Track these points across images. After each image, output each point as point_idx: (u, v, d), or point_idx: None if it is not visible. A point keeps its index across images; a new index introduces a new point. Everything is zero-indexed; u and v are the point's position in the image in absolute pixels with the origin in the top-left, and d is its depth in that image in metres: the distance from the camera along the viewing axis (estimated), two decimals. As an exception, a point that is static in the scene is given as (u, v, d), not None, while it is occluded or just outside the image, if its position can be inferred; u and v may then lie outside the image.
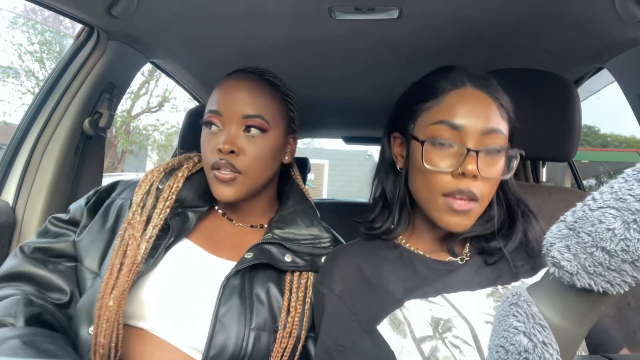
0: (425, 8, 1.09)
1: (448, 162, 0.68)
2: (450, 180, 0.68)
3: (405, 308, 0.68)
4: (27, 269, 0.79)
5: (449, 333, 0.64)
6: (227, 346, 0.71)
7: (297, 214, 0.88)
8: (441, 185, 0.69)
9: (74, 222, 0.86)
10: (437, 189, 0.69)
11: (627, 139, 15.46)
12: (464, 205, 0.68)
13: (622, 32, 1.12)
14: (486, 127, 0.68)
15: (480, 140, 0.68)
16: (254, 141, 0.82)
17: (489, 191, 0.70)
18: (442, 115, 0.70)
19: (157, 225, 0.78)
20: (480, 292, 0.69)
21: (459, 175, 0.67)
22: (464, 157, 0.67)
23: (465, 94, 0.71)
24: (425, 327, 0.66)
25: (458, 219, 0.69)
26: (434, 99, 0.72)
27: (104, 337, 0.69)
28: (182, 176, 0.85)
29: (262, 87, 0.85)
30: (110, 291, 0.71)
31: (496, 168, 0.70)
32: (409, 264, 0.75)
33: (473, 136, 0.68)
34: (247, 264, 0.78)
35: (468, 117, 0.69)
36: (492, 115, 0.70)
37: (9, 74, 11.48)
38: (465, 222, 0.70)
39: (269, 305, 0.77)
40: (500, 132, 0.70)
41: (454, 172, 0.68)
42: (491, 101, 0.71)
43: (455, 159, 0.68)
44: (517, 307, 0.39)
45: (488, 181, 0.69)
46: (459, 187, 0.67)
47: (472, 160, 0.66)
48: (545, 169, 1.35)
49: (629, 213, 0.32)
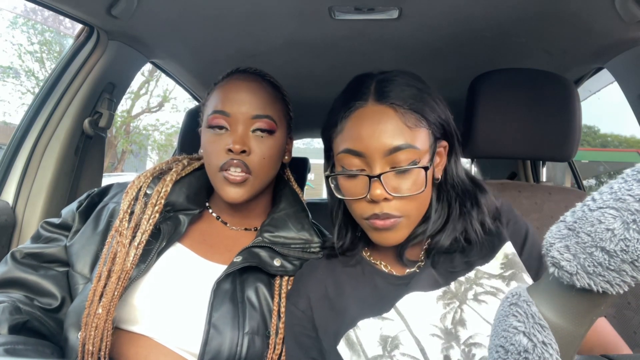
0: (425, 8, 1.09)
1: (359, 189, 0.68)
2: (366, 205, 0.68)
3: (357, 328, 0.69)
4: (17, 275, 0.78)
5: (396, 351, 0.65)
6: (221, 351, 0.71)
7: (289, 217, 0.88)
8: (360, 211, 0.69)
9: (65, 227, 0.86)
10: (358, 215, 0.70)
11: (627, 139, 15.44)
12: (385, 222, 0.67)
13: (622, 32, 1.12)
14: (390, 147, 0.65)
15: (387, 161, 0.66)
16: (263, 141, 0.82)
17: (412, 206, 0.68)
18: (345, 143, 0.69)
19: (146, 231, 0.77)
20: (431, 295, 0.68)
21: (371, 201, 0.67)
22: (368, 184, 0.66)
23: (365, 114, 0.68)
24: (375, 346, 0.66)
25: (386, 234, 0.69)
26: (340, 123, 0.71)
27: (92, 345, 0.68)
28: (171, 180, 0.84)
29: (266, 87, 0.85)
30: (98, 299, 0.71)
31: (415, 183, 0.67)
32: (369, 281, 0.75)
33: (378, 159, 0.66)
34: (236, 267, 0.77)
35: (369, 140, 0.66)
36: (396, 130, 0.66)
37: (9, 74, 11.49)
38: (395, 235, 0.69)
39: (260, 308, 0.77)
40: (409, 146, 0.66)
41: (366, 199, 0.67)
42: (394, 113, 0.67)
43: (365, 185, 0.67)
44: (517, 307, 0.39)
45: (405, 198, 0.67)
46: (373, 212, 0.67)
47: (378, 185, 0.65)
48: (545, 169, 1.35)
49: (628, 213, 0.33)
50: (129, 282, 0.73)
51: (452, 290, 0.68)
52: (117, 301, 0.71)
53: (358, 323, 0.69)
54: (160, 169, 0.87)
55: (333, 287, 0.75)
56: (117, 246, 0.75)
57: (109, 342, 0.70)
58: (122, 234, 0.76)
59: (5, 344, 0.63)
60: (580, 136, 1.08)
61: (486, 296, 0.67)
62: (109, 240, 0.77)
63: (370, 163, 0.66)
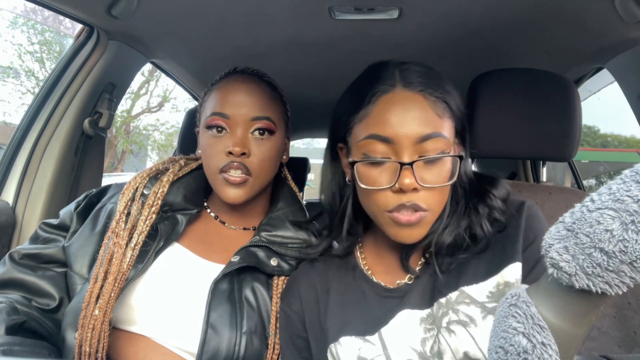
0: (425, 8, 1.09)
1: (385, 178, 0.63)
2: (392, 196, 0.62)
3: (339, 344, 0.68)
4: (15, 276, 0.78)
5: None
6: (219, 351, 0.71)
7: (287, 217, 0.88)
8: (383, 202, 0.63)
9: (63, 227, 0.86)
10: (380, 207, 0.64)
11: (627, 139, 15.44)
12: (410, 217, 0.62)
13: (622, 32, 1.12)
14: (421, 135, 0.61)
15: (416, 149, 0.62)
16: (263, 143, 0.82)
17: (437, 199, 0.64)
18: (372, 128, 0.63)
19: (142, 232, 0.77)
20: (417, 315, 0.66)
21: (398, 191, 0.62)
22: (398, 171, 0.61)
23: (394, 99, 0.63)
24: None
25: (407, 231, 0.64)
26: (364, 108, 0.65)
27: (89, 347, 0.68)
28: (168, 181, 0.83)
29: (265, 88, 0.85)
30: (95, 300, 0.71)
31: (440, 174, 0.63)
32: (357, 290, 0.72)
33: (407, 146, 0.61)
34: (233, 267, 0.77)
35: (399, 126, 0.61)
36: (427, 118, 0.62)
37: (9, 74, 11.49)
38: (417, 232, 0.64)
39: (258, 308, 0.77)
40: (439, 135, 0.62)
41: (393, 188, 0.62)
42: (424, 100, 0.63)
43: (392, 173, 0.62)
44: (516, 308, 0.39)
45: (433, 190, 0.63)
46: (400, 202, 0.62)
47: (409, 173, 0.60)
48: (545, 169, 1.35)
49: (626, 214, 0.33)
50: (126, 283, 0.73)
51: (433, 313, 0.65)
52: (113, 302, 0.71)
53: (340, 339, 0.69)
54: (157, 169, 0.87)
55: (323, 294, 0.74)
56: (114, 247, 0.75)
57: (105, 344, 0.70)
58: (118, 235, 0.76)
59: (2, 345, 0.63)
60: (580, 136, 1.07)
61: (456, 326, 0.63)
62: (106, 241, 0.77)
63: (399, 151, 0.62)
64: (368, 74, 0.70)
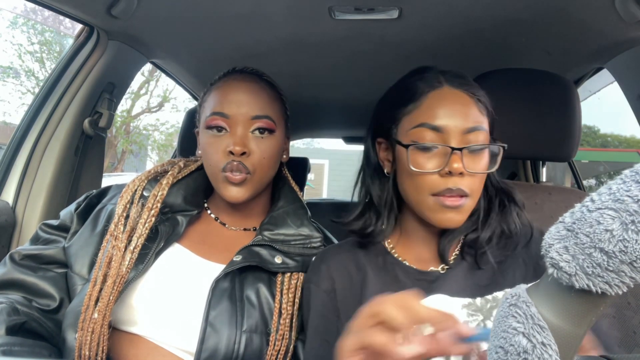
0: (426, 8, 1.09)
1: (434, 163, 0.69)
2: (438, 179, 0.69)
3: None
4: (15, 277, 0.78)
5: None
6: (218, 349, 0.71)
7: (288, 215, 0.88)
8: (430, 185, 0.70)
9: (64, 228, 0.86)
10: (426, 190, 0.70)
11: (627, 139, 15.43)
12: (455, 201, 0.69)
13: (622, 32, 1.12)
14: (467, 126, 0.70)
15: (462, 139, 0.70)
16: (263, 142, 0.82)
17: (477, 186, 0.71)
18: (423, 118, 0.71)
19: (142, 235, 0.77)
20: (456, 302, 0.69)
21: (446, 175, 0.69)
22: (448, 156, 0.68)
23: (443, 94, 0.72)
24: None
25: (451, 214, 0.70)
26: (413, 102, 0.73)
27: (88, 350, 0.68)
28: (167, 183, 0.84)
29: (264, 87, 0.85)
30: (94, 303, 0.71)
31: (481, 164, 0.71)
32: (390, 272, 0.75)
33: (455, 136, 0.69)
34: (235, 266, 0.77)
35: (448, 118, 0.70)
36: (472, 113, 0.71)
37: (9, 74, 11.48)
38: (458, 217, 0.71)
39: (259, 307, 0.77)
40: (482, 128, 0.71)
41: (441, 172, 0.69)
42: (469, 99, 0.72)
43: (440, 159, 0.69)
44: (516, 308, 0.39)
45: (475, 177, 0.70)
46: (447, 186, 0.68)
47: (457, 158, 0.68)
48: (545, 169, 1.35)
49: (627, 214, 0.33)
50: (126, 284, 0.73)
51: (477, 304, 0.68)
52: (112, 305, 0.71)
53: None
54: (156, 171, 0.87)
55: (355, 272, 0.76)
56: (113, 250, 0.75)
57: (105, 347, 0.70)
58: (117, 237, 0.76)
59: (3, 345, 0.63)
60: (580, 136, 1.07)
61: None
62: (104, 244, 0.77)
63: (447, 139, 0.69)
64: (413, 74, 0.78)
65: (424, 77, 0.75)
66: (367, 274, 0.75)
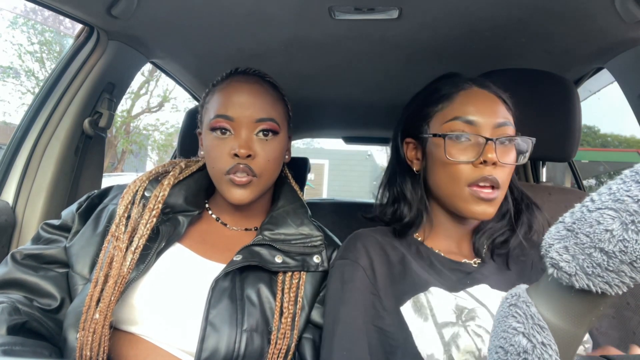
0: (426, 8, 1.09)
1: (468, 154, 0.74)
2: (473, 169, 0.73)
3: (429, 293, 0.71)
4: (17, 276, 0.78)
5: (472, 322, 0.66)
6: (218, 349, 0.71)
7: (288, 214, 0.88)
8: (465, 175, 0.74)
9: (65, 228, 0.85)
10: (462, 180, 0.74)
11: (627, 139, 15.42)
12: (490, 194, 0.73)
13: (622, 32, 1.12)
14: (497, 121, 0.75)
15: (493, 132, 0.74)
16: (267, 144, 0.82)
17: (506, 178, 0.75)
18: (456, 113, 0.76)
19: (143, 235, 0.77)
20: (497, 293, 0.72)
21: (480, 164, 0.73)
22: (482, 146, 0.73)
23: (472, 93, 0.78)
24: (449, 313, 0.68)
25: (484, 206, 0.73)
26: (444, 101, 0.79)
27: (89, 351, 0.68)
28: (169, 184, 0.83)
29: (267, 89, 0.85)
30: (95, 304, 0.71)
31: (511, 156, 0.76)
32: (426, 259, 0.78)
33: (487, 129, 0.74)
34: (235, 266, 0.77)
35: (480, 113, 0.75)
36: (500, 110, 0.77)
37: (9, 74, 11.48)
38: (490, 209, 0.74)
39: (260, 306, 0.77)
40: (510, 124, 0.76)
41: (475, 162, 0.73)
42: (496, 98, 0.78)
43: (474, 150, 0.74)
44: (517, 308, 0.39)
45: (506, 168, 0.75)
46: (482, 174, 0.72)
47: (491, 148, 0.72)
48: (545, 169, 1.35)
49: (627, 214, 0.33)
50: (127, 284, 0.73)
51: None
52: (114, 306, 0.71)
53: (430, 288, 0.71)
54: (157, 172, 0.87)
55: (393, 253, 0.78)
56: (114, 251, 0.75)
57: (106, 347, 0.70)
58: (118, 238, 0.76)
59: (3, 345, 0.63)
60: (580, 136, 1.08)
61: None
62: (106, 245, 0.77)
63: (480, 131, 0.74)
64: (442, 78, 0.85)
65: (452, 80, 0.82)
66: (405, 256, 0.78)
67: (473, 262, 0.78)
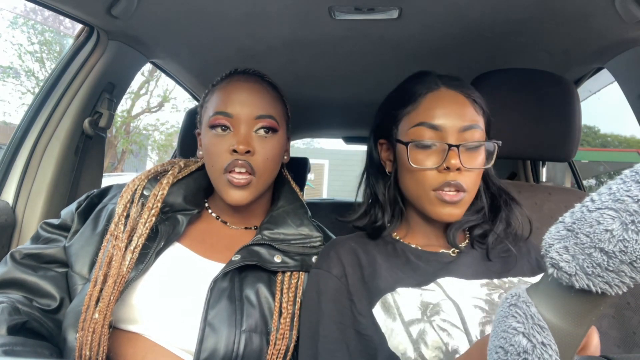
0: (425, 8, 1.09)
1: (433, 160, 0.73)
2: (437, 175, 0.73)
3: (396, 293, 0.71)
4: (16, 276, 0.78)
5: (437, 316, 0.67)
6: (217, 349, 0.71)
7: (287, 214, 0.88)
8: (429, 181, 0.74)
9: (64, 228, 0.85)
10: (427, 185, 0.74)
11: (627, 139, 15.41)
12: (454, 196, 0.73)
13: (622, 32, 1.12)
14: (463, 125, 0.73)
15: (459, 136, 0.73)
16: (266, 141, 0.82)
17: (474, 182, 0.75)
18: (421, 118, 0.75)
19: (142, 235, 0.77)
20: (475, 282, 0.72)
21: (444, 170, 0.72)
22: (446, 153, 0.72)
23: (440, 95, 0.76)
24: (414, 310, 0.68)
25: (449, 209, 0.73)
26: (412, 104, 0.77)
27: (89, 350, 0.68)
28: (167, 183, 0.83)
29: (267, 88, 0.85)
30: (94, 303, 0.70)
31: (477, 160, 0.75)
32: (401, 256, 0.78)
33: (452, 134, 0.73)
34: (234, 266, 0.77)
35: (445, 117, 0.74)
36: (468, 112, 0.75)
37: (9, 74, 11.47)
38: (457, 211, 0.74)
39: (259, 306, 0.77)
40: (477, 127, 0.75)
41: (439, 168, 0.73)
42: (465, 99, 0.76)
43: (438, 156, 0.73)
44: (516, 308, 0.39)
45: (472, 172, 0.74)
46: (446, 180, 0.72)
47: (454, 154, 0.71)
48: (545, 169, 1.35)
49: (627, 214, 0.33)
50: (127, 284, 0.73)
51: (495, 283, 0.73)
52: (113, 305, 0.71)
53: (397, 289, 0.72)
54: (156, 171, 0.87)
55: (365, 258, 0.78)
56: (113, 250, 0.75)
57: (105, 347, 0.70)
58: (117, 237, 0.76)
59: (4, 345, 0.63)
60: (580, 136, 1.08)
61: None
62: (105, 244, 0.77)
63: (445, 137, 0.73)
64: (412, 78, 0.83)
65: (421, 80, 0.79)
66: (376, 258, 0.78)
67: (451, 252, 0.79)
